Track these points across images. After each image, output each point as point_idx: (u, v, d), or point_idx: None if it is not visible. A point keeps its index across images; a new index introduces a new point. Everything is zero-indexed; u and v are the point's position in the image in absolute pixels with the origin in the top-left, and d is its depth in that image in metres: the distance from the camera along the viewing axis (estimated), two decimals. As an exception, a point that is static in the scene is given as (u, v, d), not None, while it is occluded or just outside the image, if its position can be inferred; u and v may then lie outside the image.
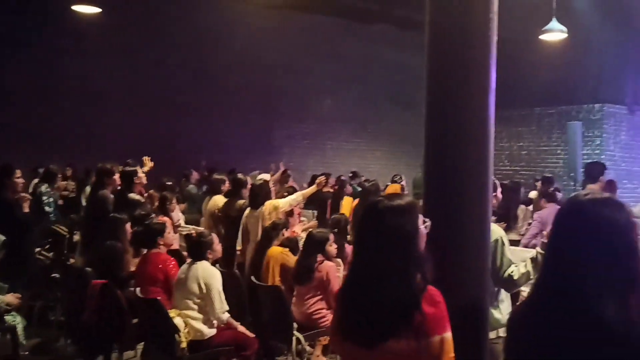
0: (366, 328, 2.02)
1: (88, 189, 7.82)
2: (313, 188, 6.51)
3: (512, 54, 12.12)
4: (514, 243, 5.52)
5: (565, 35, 9.78)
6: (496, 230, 3.25)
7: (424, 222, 2.17)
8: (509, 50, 11.64)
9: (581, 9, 10.43)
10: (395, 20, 12.84)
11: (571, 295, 1.72)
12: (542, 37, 10.09)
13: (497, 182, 3.75)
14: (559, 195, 6.77)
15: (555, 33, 9.77)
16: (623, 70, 12.34)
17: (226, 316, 4.66)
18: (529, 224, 6.71)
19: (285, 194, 6.89)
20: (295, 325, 4.82)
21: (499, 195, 3.91)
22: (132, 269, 5.17)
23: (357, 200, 8.33)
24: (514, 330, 1.91)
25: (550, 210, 6.15)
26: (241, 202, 6.56)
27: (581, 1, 10.32)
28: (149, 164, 6.85)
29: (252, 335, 4.78)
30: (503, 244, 3.29)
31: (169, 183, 8.30)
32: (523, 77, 12.63)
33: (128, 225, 5.36)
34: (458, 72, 2.62)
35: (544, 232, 3.81)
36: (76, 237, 6.63)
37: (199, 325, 4.58)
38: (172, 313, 4.54)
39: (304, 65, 13.38)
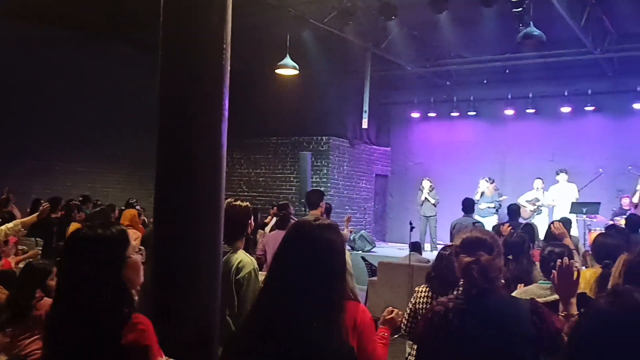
0: None
1: None
2: (34, 217, 5.82)
3: (251, 85, 12.78)
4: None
5: (297, 72, 10.64)
6: (250, 262, 3.21)
7: (138, 249, 2.12)
8: (248, 81, 12.29)
9: (310, 50, 11.46)
10: (136, 42, 12.49)
11: (282, 319, 1.81)
12: (278, 71, 10.82)
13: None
14: (292, 220, 7.25)
15: (289, 69, 10.57)
16: (344, 108, 13.86)
17: None
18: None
19: (0, 220, 6.08)
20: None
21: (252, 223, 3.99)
22: None
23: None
24: (229, 357, 1.94)
25: (274, 235, 6.53)
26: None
27: (310, 43, 11.34)
28: None
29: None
30: (256, 276, 3.19)
31: None
32: (261, 108, 13.35)
33: None
34: (191, 100, 2.63)
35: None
36: None
37: None
38: None
39: (35, 80, 12.14)
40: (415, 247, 8.56)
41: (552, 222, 5.54)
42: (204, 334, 2.53)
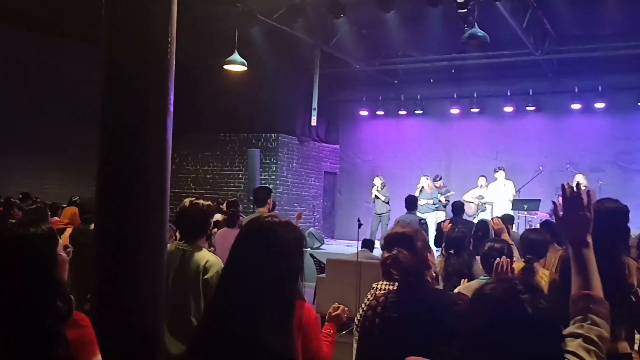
0: None
1: None
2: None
3: (199, 80, 12.60)
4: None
5: (245, 68, 10.55)
6: (217, 261, 3.23)
7: (66, 247, 2.06)
8: (196, 76, 12.11)
9: (259, 46, 11.39)
10: (81, 33, 12.08)
11: (239, 320, 1.78)
12: (226, 67, 10.70)
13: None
14: (241, 218, 7.15)
15: (237, 65, 10.46)
16: (293, 105, 13.84)
17: None
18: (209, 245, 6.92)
19: None
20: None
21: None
22: None
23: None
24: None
25: (222, 233, 6.44)
26: None
27: (259, 39, 11.27)
28: None
29: None
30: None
31: None
32: (209, 104, 13.18)
33: None
34: (135, 94, 2.56)
35: None
36: None
37: None
38: None
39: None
40: (367, 244, 8.64)
41: (492, 219, 5.70)
42: (148, 336, 2.46)
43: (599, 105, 12.48)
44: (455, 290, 3.48)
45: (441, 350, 1.83)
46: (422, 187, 12.10)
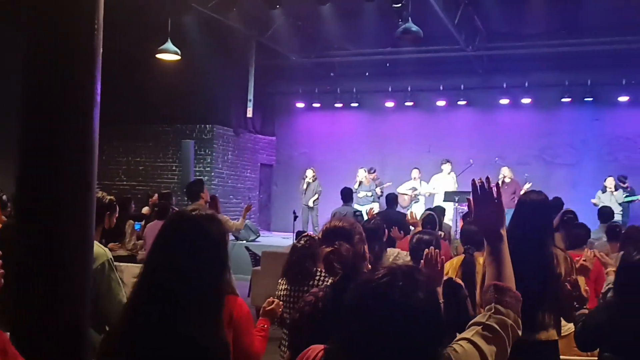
0: None
1: None
2: None
3: (131, 69, 12.20)
4: (125, 259, 5.51)
5: (179, 57, 10.31)
6: (103, 253, 2.93)
7: None
8: (127, 65, 11.72)
9: (193, 35, 11.16)
10: (2, 16, 11.45)
11: (164, 313, 1.75)
12: (159, 56, 10.43)
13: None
14: (172, 211, 7.02)
15: (170, 54, 10.22)
16: (229, 96, 13.66)
17: None
18: (138, 238, 6.75)
19: None
20: None
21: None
22: None
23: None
24: (105, 355, 1.85)
25: (152, 226, 6.31)
26: None
27: (194, 28, 11.04)
28: None
29: None
30: (111, 268, 2.93)
31: None
32: (142, 93, 12.79)
33: None
34: (58, 83, 2.45)
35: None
36: None
37: None
38: None
39: None
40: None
41: (409, 212, 5.85)
42: (73, 337, 2.37)
43: (526, 100, 12.99)
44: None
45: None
46: (361, 180, 12.24)
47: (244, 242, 11.45)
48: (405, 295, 1.38)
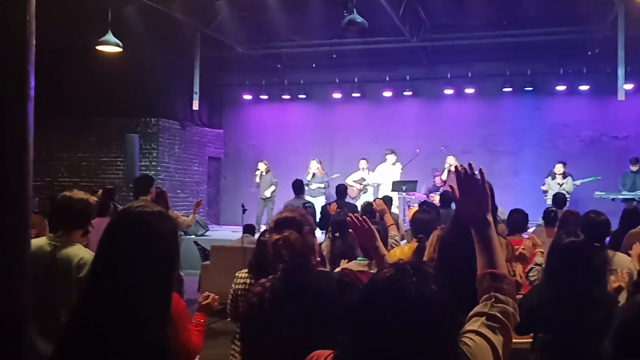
0: None
1: None
2: None
3: (70, 62, 11.80)
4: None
5: (120, 49, 10.05)
6: (91, 258, 2.95)
7: None
8: (67, 58, 11.34)
9: (135, 27, 10.88)
10: None
11: (112, 312, 1.71)
12: (99, 48, 10.14)
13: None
14: (118, 207, 6.85)
15: (111, 46, 9.94)
16: (175, 89, 13.41)
17: None
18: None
19: None
20: None
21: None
22: None
23: None
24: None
25: (95, 223, 6.14)
26: None
27: (135, 19, 10.76)
28: None
29: None
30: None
31: None
32: (83, 87, 12.38)
33: None
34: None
35: None
36: None
37: None
38: None
39: None
40: (249, 229, 8.61)
41: (375, 200, 5.90)
42: (13, 338, 2.29)
43: (469, 90, 13.28)
44: (336, 270, 3.57)
45: (330, 335, 1.86)
46: (314, 172, 12.25)
47: (193, 236, 11.31)
48: (420, 290, 1.36)
